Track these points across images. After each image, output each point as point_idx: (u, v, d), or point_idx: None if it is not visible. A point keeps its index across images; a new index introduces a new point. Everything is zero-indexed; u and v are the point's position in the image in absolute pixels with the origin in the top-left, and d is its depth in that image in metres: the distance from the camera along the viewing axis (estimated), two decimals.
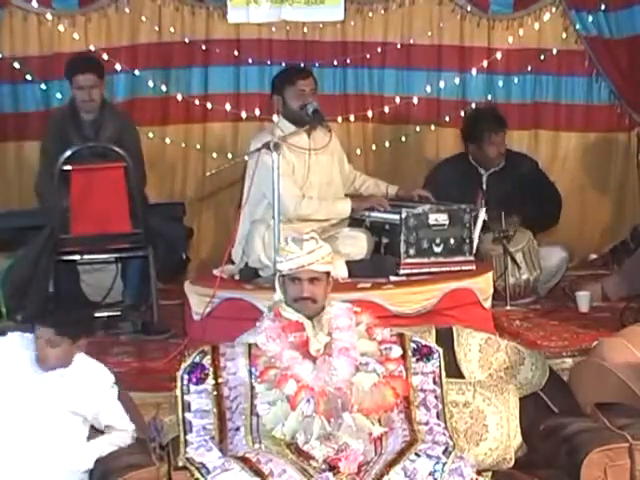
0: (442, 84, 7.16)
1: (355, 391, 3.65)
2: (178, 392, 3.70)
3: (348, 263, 5.24)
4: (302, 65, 6.56)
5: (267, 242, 5.12)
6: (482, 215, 5.54)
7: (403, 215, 5.26)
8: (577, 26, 7.17)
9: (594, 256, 7.24)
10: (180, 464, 3.58)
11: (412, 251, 5.26)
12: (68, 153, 5.52)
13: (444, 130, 7.21)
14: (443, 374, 3.88)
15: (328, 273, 3.90)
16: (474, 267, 5.36)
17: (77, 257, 5.72)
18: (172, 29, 6.94)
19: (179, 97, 6.93)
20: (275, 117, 5.84)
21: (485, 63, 7.19)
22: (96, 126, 5.82)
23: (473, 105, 7.09)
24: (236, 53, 7.02)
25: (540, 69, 7.26)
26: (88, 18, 6.80)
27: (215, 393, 3.70)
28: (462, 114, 7.07)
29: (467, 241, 5.35)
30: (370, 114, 7.13)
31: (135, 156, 5.78)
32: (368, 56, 7.11)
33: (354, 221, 5.51)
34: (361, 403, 3.64)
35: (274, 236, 4.77)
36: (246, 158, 5.32)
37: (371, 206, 5.49)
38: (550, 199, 6.52)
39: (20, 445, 3.73)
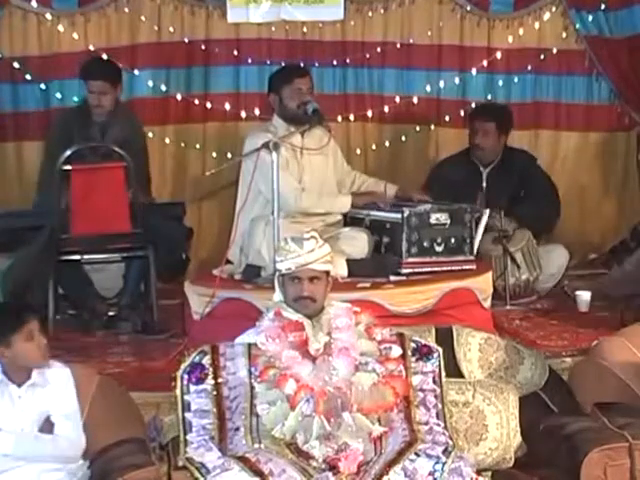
0: (442, 84, 7.14)
1: (355, 391, 3.65)
2: (178, 392, 3.71)
3: (348, 262, 5.24)
4: (302, 65, 6.55)
5: (268, 237, 5.09)
6: (485, 217, 5.54)
7: (405, 214, 5.25)
8: (577, 25, 7.14)
9: (594, 256, 7.23)
10: (180, 464, 3.59)
11: (414, 250, 5.25)
12: (68, 153, 5.51)
13: (444, 130, 7.20)
14: (443, 374, 3.88)
15: (328, 272, 3.91)
16: (475, 267, 5.35)
17: (77, 257, 5.72)
18: (171, 29, 6.93)
19: (179, 97, 6.93)
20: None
21: (485, 63, 7.16)
22: (103, 128, 5.83)
23: (473, 105, 7.08)
24: (236, 53, 7.00)
25: (540, 69, 7.24)
26: (87, 18, 6.79)
27: (215, 393, 3.71)
28: (462, 114, 7.08)
29: (468, 240, 5.35)
30: (370, 114, 7.11)
31: (140, 157, 5.78)
32: (368, 56, 7.09)
33: (354, 221, 5.50)
34: (361, 403, 3.64)
35: (273, 235, 4.76)
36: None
37: (372, 201, 5.49)
38: (547, 198, 6.48)
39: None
